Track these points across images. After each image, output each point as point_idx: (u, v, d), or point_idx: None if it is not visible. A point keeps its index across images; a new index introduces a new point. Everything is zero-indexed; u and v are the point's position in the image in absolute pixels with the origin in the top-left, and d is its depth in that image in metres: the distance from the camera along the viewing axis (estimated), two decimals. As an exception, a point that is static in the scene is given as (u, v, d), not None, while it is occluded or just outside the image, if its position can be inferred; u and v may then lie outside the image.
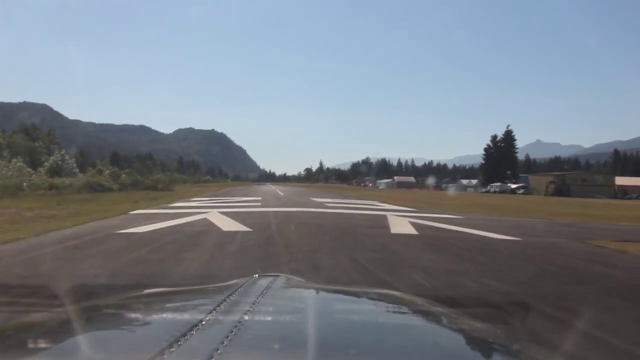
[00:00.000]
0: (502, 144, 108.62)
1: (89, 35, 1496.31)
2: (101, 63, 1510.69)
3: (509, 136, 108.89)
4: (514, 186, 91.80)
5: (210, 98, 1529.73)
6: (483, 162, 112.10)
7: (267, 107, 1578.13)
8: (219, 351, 0.72)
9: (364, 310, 1.28)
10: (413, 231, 9.88)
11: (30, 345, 0.87)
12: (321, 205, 19.55)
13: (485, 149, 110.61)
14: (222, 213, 12.92)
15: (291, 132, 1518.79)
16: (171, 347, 0.73)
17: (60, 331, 1.02)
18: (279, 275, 1.53)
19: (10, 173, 34.97)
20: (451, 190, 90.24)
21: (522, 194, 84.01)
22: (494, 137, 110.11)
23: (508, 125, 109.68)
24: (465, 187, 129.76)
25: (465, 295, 4.43)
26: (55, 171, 42.76)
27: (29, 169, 44.60)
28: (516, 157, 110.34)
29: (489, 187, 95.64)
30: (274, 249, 7.09)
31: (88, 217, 11.37)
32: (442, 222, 12.30)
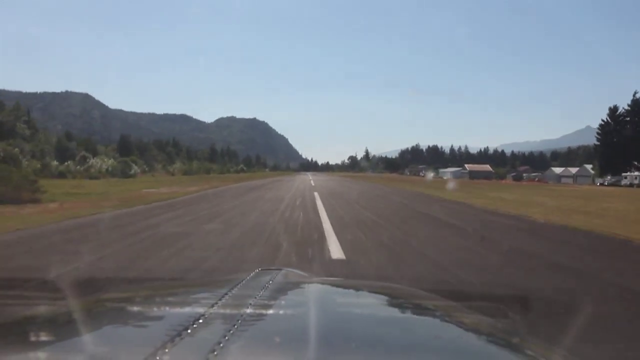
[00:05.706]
0: (627, 118, 79.10)
1: (127, 23, 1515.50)
2: (140, 52, 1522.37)
3: (639, 107, 79.00)
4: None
5: (251, 86, 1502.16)
6: (597, 143, 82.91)
7: (308, 95, 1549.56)
8: (220, 344, 0.72)
9: (365, 304, 1.28)
10: None
11: (33, 339, 0.86)
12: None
13: (601, 126, 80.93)
14: None
15: (334, 120, 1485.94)
16: (173, 341, 0.73)
17: (62, 325, 1.02)
18: (281, 269, 1.51)
19: None
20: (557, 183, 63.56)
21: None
22: (613, 110, 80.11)
23: (635, 92, 78.78)
24: (559, 178, 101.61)
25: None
26: None
27: None
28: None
29: (620, 179, 67.77)
30: None
31: None
32: None
